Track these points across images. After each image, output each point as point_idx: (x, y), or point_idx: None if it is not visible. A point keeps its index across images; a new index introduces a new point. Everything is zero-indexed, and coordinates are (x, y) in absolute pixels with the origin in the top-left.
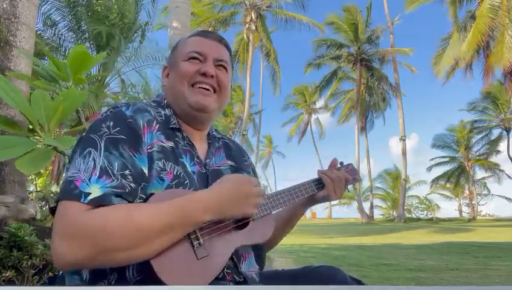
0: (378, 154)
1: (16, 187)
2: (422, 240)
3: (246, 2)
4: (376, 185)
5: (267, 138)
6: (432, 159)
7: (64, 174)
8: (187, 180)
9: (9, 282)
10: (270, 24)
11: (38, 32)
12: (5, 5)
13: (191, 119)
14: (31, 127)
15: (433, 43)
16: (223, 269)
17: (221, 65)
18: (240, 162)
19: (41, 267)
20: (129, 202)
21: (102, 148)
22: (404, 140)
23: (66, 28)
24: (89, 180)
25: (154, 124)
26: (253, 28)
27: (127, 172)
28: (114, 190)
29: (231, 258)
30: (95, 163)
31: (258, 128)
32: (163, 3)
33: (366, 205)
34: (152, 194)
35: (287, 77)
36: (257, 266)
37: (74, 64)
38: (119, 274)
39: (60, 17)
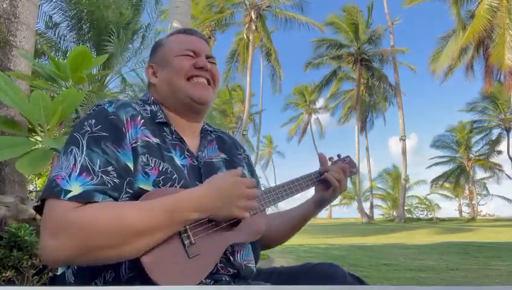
0: (377, 154)
1: (15, 187)
2: (423, 240)
3: (246, 2)
4: (376, 185)
5: (267, 138)
6: (432, 158)
7: None
8: (175, 175)
9: (9, 282)
10: (270, 24)
11: (39, 32)
12: (5, 5)
13: (188, 111)
14: (30, 126)
15: (433, 43)
16: (216, 264)
17: (212, 61)
18: (232, 155)
19: (41, 267)
20: (114, 197)
21: (84, 146)
22: (404, 140)
23: (68, 28)
24: (69, 177)
25: (139, 119)
26: (253, 28)
27: (110, 168)
28: (95, 186)
29: (224, 253)
30: (75, 160)
31: (258, 128)
32: (164, 5)
33: (366, 205)
34: (140, 188)
35: (287, 77)
36: (253, 256)
37: (74, 64)
38: (115, 271)
39: (61, 18)
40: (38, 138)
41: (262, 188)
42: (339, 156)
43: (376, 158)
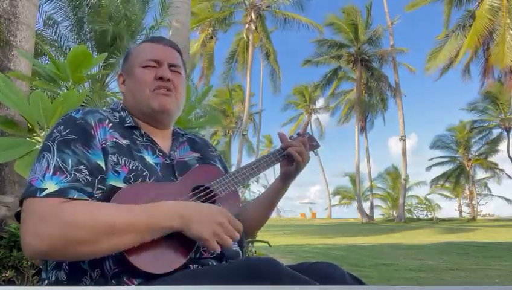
0: (377, 154)
1: (15, 187)
2: (423, 240)
3: (246, 2)
4: (376, 185)
5: (267, 138)
6: (432, 159)
7: None
8: (146, 172)
9: (9, 282)
10: (269, 24)
11: (39, 32)
12: (5, 5)
13: (152, 121)
14: (30, 127)
15: (432, 43)
16: (199, 249)
17: (175, 71)
18: (205, 153)
19: (41, 267)
20: (88, 193)
21: (55, 150)
22: (404, 140)
23: (68, 28)
24: (43, 177)
25: (107, 122)
26: (253, 28)
27: (81, 167)
28: (70, 183)
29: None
30: (48, 163)
31: (258, 128)
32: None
33: (366, 205)
34: (111, 185)
35: (287, 77)
36: (235, 242)
37: (73, 64)
38: (101, 269)
39: (62, 17)
40: (38, 139)
41: (263, 188)
42: (298, 133)
43: (376, 158)
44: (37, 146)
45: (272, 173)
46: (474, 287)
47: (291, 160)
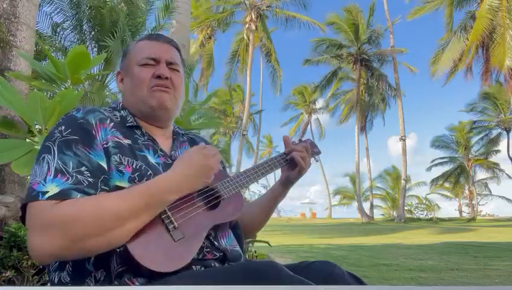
0: (376, 154)
1: (15, 187)
2: (423, 240)
3: (246, 2)
4: (376, 185)
5: (267, 138)
6: (433, 160)
7: None
8: (150, 171)
9: (9, 282)
10: (270, 24)
11: (40, 32)
12: (5, 5)
13: (151, 119)
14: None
15: (432, 44)
16: (202, 249)
17: (173, 68)
18: None
19: (41, 267)
20: (90, 194)
21: (56, 151)
22: (404, 140)
23: (69, 29)
24: (44, 180)
25: (108, 122)
26: (253, 27)
27: (83, 168)
28: (72, 185)
29: (207, 238)
30: (49, 166)
31: (258, 128)
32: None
33: (366, 205)
34: (116, 186)
35: (287, 77)
36: (237, 243)
37: (72, 65)
38: (105, 269)
39: (62, 18)
40: (36, 139)
41: (262, 188)
42: (300, 139)
43: (376, 158)
44: (36, 147)
45: (272, 174)
46: (474, 287)
47: (293, 165)
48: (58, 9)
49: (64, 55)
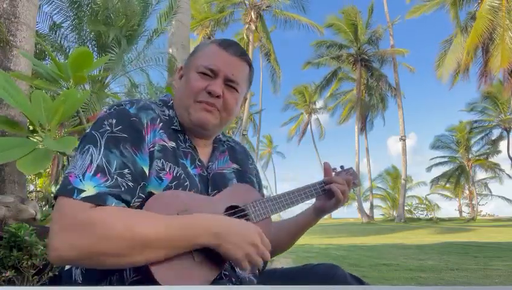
0: (376, 154)
1: (16, 187)
2: (423, 240)
3: (246, 2)
4: (376, 185)
5: (267, 138)
6: (432, 159)
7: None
8: (187, 182)
9: (9, 282)
10: (269, 24)
11: (41, 32)
12: (5, 5)
13: (192, 131)
14: (32, 127)
15: (432, 44)
16: (221, 273)
17: (231, 86)
18: (244, 165)
19: (41, 267)
20: (127, 201)
21: (102, 146)
22: (404, 140)
23: (69, 29)
24: (83, 176)
25: (158, 122)
26: (253, 28)
27: (125, 171)
28: (109, 189)
29: (229, 262)
30: (91, 160)
31: (258, 128)
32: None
33: (366, 205)
34: (150, 193)
35: (287, 77)
36: (255, 270)
37: (75, 64)
38: (120, 274)
39: (62, 18)
40: (39, 138)
41: (265, 191)
42: (342, 167)
43: (375, 158)
44: (39, 145)
45: (272, 176)
46: (474, 287)
47: (330, 195)
48: (58, 9)
49: (63, 55)
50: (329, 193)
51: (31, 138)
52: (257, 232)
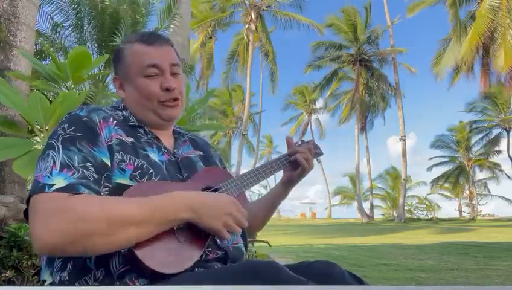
0: (376, 154)
1: (16, 187)
2: (423, 240)
3: (246, 2)
4: (376, 185)
5: (267, 138)
6: (431, 158)
7: None
8: (151, 170)
9: (9, 282)
10: (269, 24)
11: (41, 32)
12: (5, 5)
13: (157, 125)
14: (30, 127)
15: (432, 44)
16: (205, 249)
17: (176, 73)
18: (208, 152)
19: (41, 267)
20: (96, 191)
21: (60, 147)
22: (404, 140)
23: (70, 29)
24: (50, 173)
25: (111, 120)
26: (253, 28)
27: (88, 164)
28: (79, 180)
29: (212, 237)
30: (54, 160)
31: (258, 128)
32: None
33: (366, 205)
34: (118, 183)
35: (287, 77)
36: (241, 239)
37: (73, 64)
38: (105, 268)
39: (63, 18)
40: (37, 139)
41: (262, 188)
42: (302, 140)
43: (375, 158)
44: (36, 146)
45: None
46: (474, 287)
47: (296, 166)
48: (58, 9)
49: (64, 54)
50: (294, 163)
51: (30, 139)
52: (231, 201)
